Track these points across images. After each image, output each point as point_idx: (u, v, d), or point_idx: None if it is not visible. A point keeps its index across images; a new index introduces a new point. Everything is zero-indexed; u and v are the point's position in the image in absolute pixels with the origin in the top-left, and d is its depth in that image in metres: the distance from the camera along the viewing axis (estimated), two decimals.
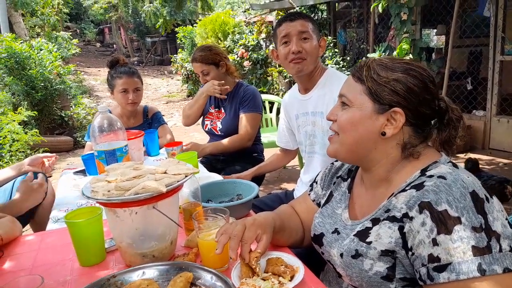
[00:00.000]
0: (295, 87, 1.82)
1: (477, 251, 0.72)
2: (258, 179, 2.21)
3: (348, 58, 6.13)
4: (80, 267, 1.08)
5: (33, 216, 1.81)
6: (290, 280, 0.88)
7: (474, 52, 5.10)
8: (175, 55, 9.88)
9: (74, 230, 1.04)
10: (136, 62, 16.58)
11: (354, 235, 0.91)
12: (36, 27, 9.90)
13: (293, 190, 1.92)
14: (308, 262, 1.04)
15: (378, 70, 0.90)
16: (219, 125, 2.44)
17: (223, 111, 2.44)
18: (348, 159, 1.00)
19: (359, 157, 0.96)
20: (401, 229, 0.82)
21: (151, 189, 0.95)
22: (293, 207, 1.22)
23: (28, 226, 1.89)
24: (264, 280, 0.88)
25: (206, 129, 2.53)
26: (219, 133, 2.44)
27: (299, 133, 1.81)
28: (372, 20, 5.74)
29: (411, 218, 0.80)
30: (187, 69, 8.60)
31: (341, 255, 0.92)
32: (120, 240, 1.04)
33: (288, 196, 1.86)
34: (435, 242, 0.75)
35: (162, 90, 11.20)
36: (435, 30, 7.57)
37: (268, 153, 2.75)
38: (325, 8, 6.94)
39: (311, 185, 1.23)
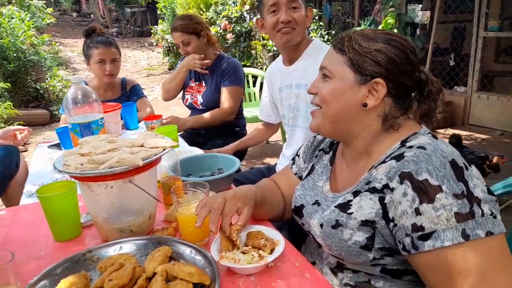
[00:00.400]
0: (279, 58, 1.78)
1: (460, 217, 0.73)
2: (240, 154, 2.19)
3: (334, 32, 6.05)
4: (55, 242, 1.05)
5: (5, 190, 1.75)
6: (270, 253, 0.87)
7: (458, 28, 5.10)
8: (155, 27, 9.55)
9: (46, 204, 1.00)
10: (115, 34, 15.98)
11: (335, 207, 0.91)
12: None
13: (276, 164, 1.90)
14: (289, 235, 1.04)
15: (360, 41, 0.88)
16: (199, 98, 2.38)
17: (204, 84, 2.38)
18: (330, 133, 0.99)
19: (341, 131, 0.95)
20: (381, 200, 0.82)
21: (126, 162, 0.92)
22: (274, 181, 1.21)
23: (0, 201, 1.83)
24: (244, 253, 0.87)
25: (187, 104, 2.47)
26: (200, 107, 2.39)
27: (282, 106, 1.78)
28: None
29: (392, 189, 0.80)
30: (168, 41, 8.35)
31: (321, 225, 0.92)
32: (95, 215, 1.01)
33: (270, 171, 1.85)
34: (418, 212, 0.75)
35: (142, 63, 10.89)
36: (420, 5, 7.52)
37: (251, 128, 2.72)
38: None
39: (293, 159, 1.22)
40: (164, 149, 1.02)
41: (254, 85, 4.21)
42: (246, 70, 4.25)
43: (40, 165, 1.67)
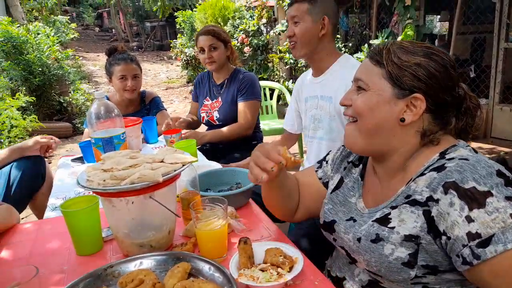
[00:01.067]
0: (310, 70, 1.81)
1: None
2: None
3: (350, 44, 6.04)
4: (77, 256, 1.07)
5: (32, 201, 1.81)
6: (289, 271, 0.87)
7: (478, 39, 5.03)
8: (174, 40, 9.75)
9: (70, 219, 1.03)
10: (135, 47, 16.40)
11: (373, 221, 0.88)
12: (34, 10, 9.75)
13: None
14: (309, 252, 1.02)
15: (399, 54, 0.86)
16: (216, 114, 2.41)
17: (220, 99, 2.41)
18: (365, 149, 0.94)
19: (377, 146, 0.91)
20: (427, 213, 0.79)
21: (147, 178, 0.93)
22: (296, 178, 1.18)
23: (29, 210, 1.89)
24: (263, 271, 0.87)
25: (204, 122, 2.50)
26: (217, 123, 2.41)
27: (305, 117, 1.80)
28: (375, 5, 5.64)
29: (437, 201, 0.77)
30: (187, 54, 8.50)
31: (359, 239, 0.89)
32: (116, 230, 1.02)
33: None
34: (469, 219, 0.73)
35: (161, 76, 11.10)
36: (438, 16, 7.45)
37: (267, 140, 2.73)
38: None
39: (320, 162, 1.18)
40: (183, 165, 1.03)
41: (271, 98, 4.23)
42: (263, 83, 4.28)
43: (63, 178, 1.71)
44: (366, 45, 5.25)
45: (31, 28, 5.69)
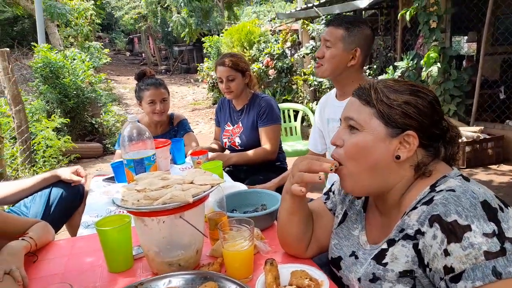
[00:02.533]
0: (333, 91, 1.83)
1: (490, 255, 0.70)
2: (281, 188, 2.21)
3: (375, 66, 6.05)
4: (109, 273, 1.11)
5: (69, 220, 1.89)
6: None
7: (508, 60, 4.92)
8: (201, 64, 10.05)
9: (104, 237, 1.08)
10: (163, 71, 16.97)
11: (371, 259, 0.89)
12: (70, 37, 10.32)
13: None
14: (333, 277, 1.02)
15: (387, 93, 0.88)
16: (237, 140, 2.45)
17: (240, 125, 2.45)
18: (366, 190, 0.95)
19: (376, 185, 0.92)
20: (415, 246, 0.81)
21: (178, 199, 0.97)
22: (311, 209, 1.18)
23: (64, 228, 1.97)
24: None
25: (226, 146, 2.55)
26: (239, 148, 2.45)
27: (328, 138, 1.81)
28: (400, 28, 5.66)
29: (423, 233, 0.79)
30: (213, 77, 8.73)
31: (359, 279, 0.90)
32: (147, 248, 1.06)
33: None
34: (446, 253, 0.74)
35: (188, 98, 11.40)
36: (465, 37, 7.36)
37: (290, 161, 2.74)
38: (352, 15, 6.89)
39: (327, 194, 1.19)
40: (212, 186, 1.07)
41: (295, 120, 4.26)
42: (287, 105, 4.33)
43: (95, 197, 1.78)
44: (391, 67, 5.24)
45: (68, 54, 6.02)
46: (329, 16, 6.45)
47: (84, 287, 1.04)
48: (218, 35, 9.49)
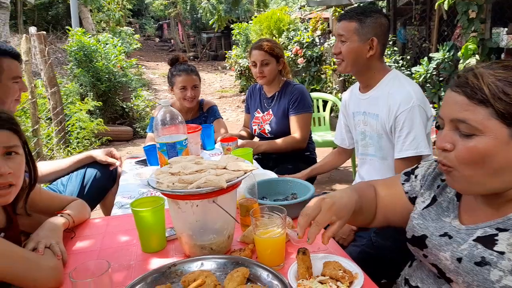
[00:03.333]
0: (357, 84, 1.79)
1: None
2: (310, 179, 2.19)
3: (408, 57, 5.86)
4: (143, 253, 1.14)
5: (102, 200, 1.95)
6: (349, 286, 0.86)
7: None
8: (229, 51, 10.04)
9: (139, 218, 1.10)
10: (191, 57, 17.07)
11: (474, 240, 0.84)
12: (102, 22, 10.53)
13: None
14: (366, 269, 1.01)
15: (503, 88, 0.77)
16: (267, 127, 2.44)
17: (270, 112, 2.44)
18: (481, 191, 0.86)
19: (496, 187, 0.83)
20: None
21: (212, 183, 0.98)
22: (375, 187, 1.13)
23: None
24: (322, 283, 0.87)
25: (256, 134, 2.55)
26: (269, 135, 2.44)
27: (355, 132, 1.78)
28: (437, 17, 5.43)
29: None
30: (241, 65, 8.71)
31: (459, 259, 0.84)
32: (181, 230, 1.08)
33: None
34: None
35: (215, 85, 11.44)
36: (505, 29, 6.99)
37: (320, 152, 2.72)
38: (385, 4, 6.68)
39: (407, 175, 1.11)
40: (245, 172, 1.07)
41: (324, 110, 4.20)
42: (317, 94, 4.27)
43: (128, 179, 1.83)
44: (425, 58, 5.06)
45: (101, 38, 6.15)
46: (361, 4, 6.28)
47: (120, 264, 1.07)
48: (247, 22, 9.43)
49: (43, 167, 1.85)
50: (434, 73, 4.87)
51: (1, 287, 0.99)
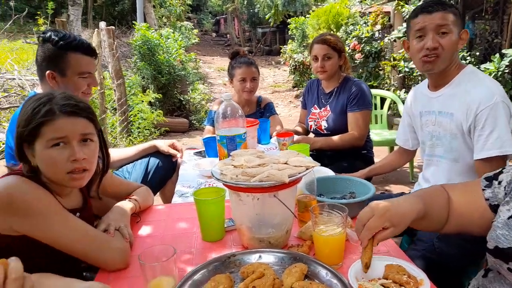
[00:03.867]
0: (425, 82, 1.70)
1: None
2: (366, 179, 2.13)
3: (477, 53, 5.45)
4: (202, 241, 1.18)
5: (163, 188, 2.05)
6: None
7: None
8: (284, 46, 9.99)
9: (201, 207, 1.14)
10: (246, 52, 17.25)
11: None
12: (163, 17, 10.97)
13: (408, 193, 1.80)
14: (429, 274, 0.96)
15: None
16: (324, 124, 2.40)
17: (328, 108, 2.39)
18: None
19: None
20: None
21: (274, 178, 0.99)
22: (447, 191, 1.06)
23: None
24: (384, 286, 0.85)
25: (312, 130, 2.51)
26: (325, 132, 2.40)
27: (422, 132, 1.69)
28: None
29: None
30: (295, 59, 8.64)
31: None
32: (240, 222, 1.10)
33: None
34: None
35: (268, 80, 11.48)
36: None
37: (376, 150, 2.62)
38: None
39: (489, 181, 1.04)
40: (307, 168, 1.06)
41: (381, 107, 4.06)
42: (375, 91, 4.12)
43: (187, 169, 1.90)
44: (497, 55, 4.67)
45: (163, 33, 6.41)
46: None
47: (182, 251, 1.12)
48: (304, 16, 9.31)
49: (113, 154, 1.98)
50: (507, 71, 4.49)
51: (72, 264, 1.08)
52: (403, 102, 3.99)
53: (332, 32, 7.25)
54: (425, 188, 1.08)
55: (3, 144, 3.33)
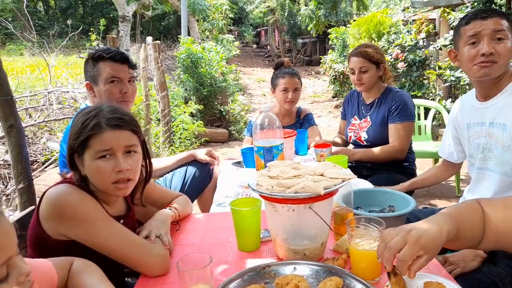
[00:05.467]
0: (472, 92, 1.63)
1: None
2: (407, 193, 2.06)
3: None
4: (238, 251, 1.20)
5: (201, 196, 2.11)
6: None
7: None
8: (325, 56, 9.95)
9: (237, 217, 1.16)
10: (290, 63, 17.35)
11: None
12: (206, 30, 11.33)
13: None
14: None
15: None
16: (364, 135, 2.35)
17: (368, 119, 2.34)
18: None
19: None
20: None
21: (310, 189, 0.99)
22: (482, 207, 1.00)
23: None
24: None
25: (351, 141, 2.47)
26: (365, 143, 2.36)
27: (469, 145, 1.61)
28: None
29: None
30: (335, 70, 8.57)
31: None
32: (276, 233, 1.11)
33: None
34: None
35: (308, 90, 11.44)
36: None
37: (419, 162, 2.53)
38: (504, 3, 5.94)
39: None
40: (343, 180, 1.06)
41: (425, 118, 3.91)
42: (418, 101, 3.99)
43: (226, 179, 1.94)
44: None
45: (206, 46, 6.62)
46: (475, 3, 5.69)
47: (218, 259, 1.14)
48: (345, 26, 9.23)
49: (154, 164, 2.07)
50: None
51: (115, 268, 1.14)
52: (449, 112, 3.82)
53: (373, 41, 7.12)
54: (458, 205, 1.02)
55: (57, 153, 3.58)
